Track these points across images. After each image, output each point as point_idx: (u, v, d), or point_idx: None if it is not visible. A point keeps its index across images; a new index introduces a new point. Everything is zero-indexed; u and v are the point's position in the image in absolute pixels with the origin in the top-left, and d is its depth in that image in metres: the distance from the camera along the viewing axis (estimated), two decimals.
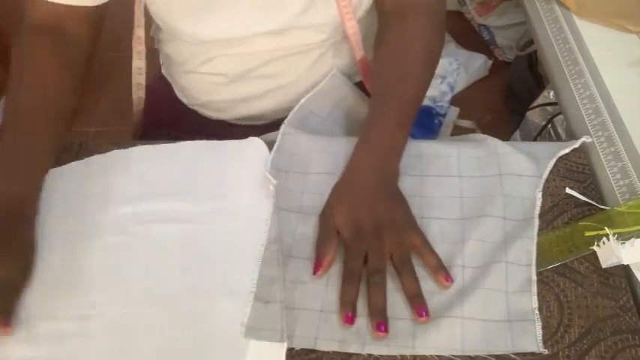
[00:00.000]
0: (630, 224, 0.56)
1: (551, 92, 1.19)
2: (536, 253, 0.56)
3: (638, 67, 0.74)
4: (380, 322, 0.52)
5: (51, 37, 0.67)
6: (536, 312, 0.52)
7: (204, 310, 0.55)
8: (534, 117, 1.23)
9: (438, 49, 0.70)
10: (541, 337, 0.51)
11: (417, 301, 0.53)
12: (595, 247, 0.55)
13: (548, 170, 0.63)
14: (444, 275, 0.54)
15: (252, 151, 0.67)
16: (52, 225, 0.62)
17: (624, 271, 0.55)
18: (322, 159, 0.65)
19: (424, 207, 0.61)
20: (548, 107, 1.20)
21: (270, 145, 0.67)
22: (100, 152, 0.70)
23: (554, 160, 0.64)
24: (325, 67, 0.78)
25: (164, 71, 0.89)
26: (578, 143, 0.66)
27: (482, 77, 1.78)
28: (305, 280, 0.56)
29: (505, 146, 0.65)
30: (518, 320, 0.52)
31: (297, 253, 0.58)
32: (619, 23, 0.80)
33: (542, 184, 0.62)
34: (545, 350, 0.50)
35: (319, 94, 0.74)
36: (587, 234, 0.57)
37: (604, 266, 0.55)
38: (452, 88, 1.65)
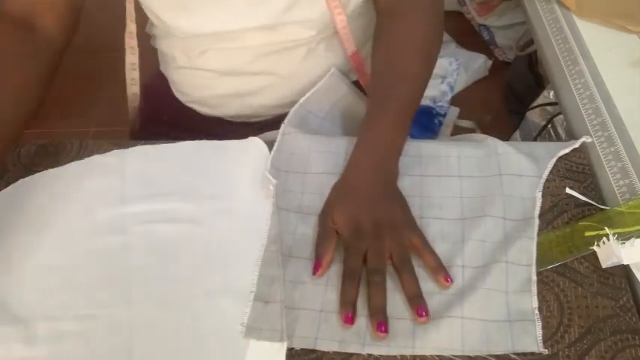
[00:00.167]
0: (630, 224, 0.56)
1: (551, 92, 1.19)
2: (536, 253, 0.56)
3: (638, 67, 0.74)
4: (380, 322, 0.52)
5: (21, 26, 0.67)
6: (536, 312, 0.52)
7: (204, 310, 0.55)
8: (534, 117, 1.23)
9: (436, 47, 0.70)
10: (541, 337, 0.51)
11: (417, 301, 0.53)
12: (595, 247, 0.55)
13: (548, 170, 0.63)
14: (443, 275, 0.54)
15: (252, 151, 0.67)
16: (52, 225, 0.62)
17: (624, 271, 0.55)
18: (322, 159, 0.65)
19: (424, 207, 0.61)
20: (548, 107, 1.20)
21: (269, 144, 0.67)
22: (100, 152, 0.70)
23: (554, 160, 0.64)
24: (318, 63, 0.77)
25: (161, 69, 0.89)
26: (578, 143, 0.66)
27: (482, 77, 1.78)
28: (305, 280, 0.56)
29: (505, 146, 0.65)
30: (518, 320, 0.52)
31: (297, 253, 0.58)
32: (619, 23, 0.80)
33: (542, 184, 0.62)
34: (545, 350, 0.50)
35: (318, 93, 0.74)
36: (587, 234, 0.57)
37: (604, 266, 0.55)
38: (452, 88, 1.65)
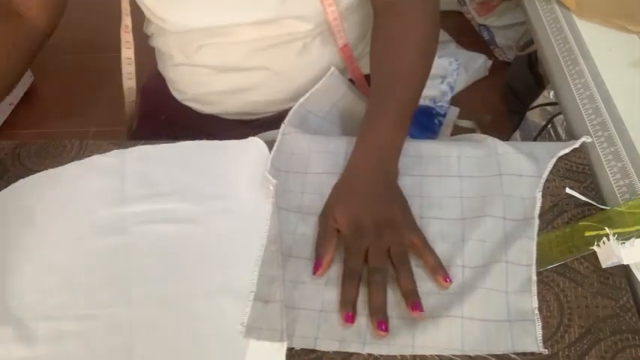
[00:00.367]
0: (630, 224, 0.56)
1: (551, 92, 1.19)
2: (536, 253, 0.56)
3: (638, 67, 0.74)
4: (380, 321, 0.52)
5: (5, 13, 0.68)
6: (536, 312, 0.52)
7: (204, 310, 0.55)
8: (534, 117, 1.23)
9: (434, 45, 0.70)
10: (541, 337, 0.51)
11: (412, 298, 0.53)
12: (595, 247, 0.55)
13: (548, 170, 0.63)
14: (442, 275, 0.54)
15: (252, 151, 0.67)
16: (52, 225, 0.62)
17: (624, 271, 0.55)
18: (322, 159, 0.65)
19: (424, 207, 0.61)
20: (548, 107, 1.20)
21: (269, 144, 0.67)
22: (100, 152, 0.70)
23: (554, 160, 0.64)
24: (314, 58, 0.77)
25: (159, 68, 0.89)
26: (578, 143, 0.66)
27: (482, 77, 1.78)
28: (305, 280, 0.56)
29: (505, 146, 0.65)
30: (518, 320, 0.52)
31: (297, 252, 0.58)
32: (619, 23, 0.79)
33: (542, 184, 0.62)
34: (545, 350, 0.50)
35: (317, 93, 0.74)
36: (587, 234, 0.57)
37: (604, 266, 0.55)
38: (452, 88, 1.65)
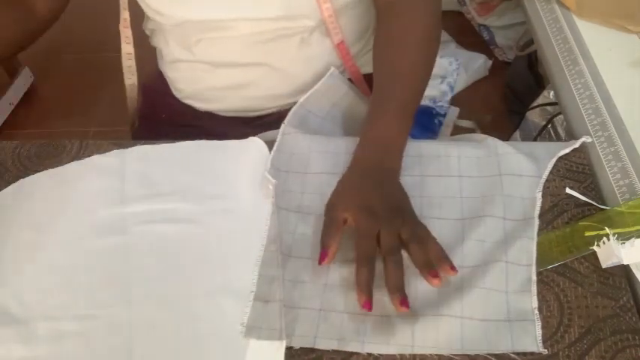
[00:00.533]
0: (630, 224, 0.56)
1: (551, 92, 1.19)
2: (536, 253, 0.56)
3: (638, 67, 0.74)
4: (402, 298, 0.50)
5: None
6: (536, 312, 0.52)
7: (204, 310, 0.55)
8: (534, 117, 1.23)
9: (436, 45, 0.70)
10: (541, 337, 0.51)
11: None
12: (595, 247, 0.55)
13: (548, 170, 0.63)
14: (449, 264, 0.53)
15: (252, 151, 0.67)
16: (52, 225, 0.62)
17: (624, 271, 0.55)
18: (322, 159, 0.65)
19: (424, 207, 0.61)
20: (548, 107, 1.20)
21: (269, 144, 0.67)
22: (100, 152, 0.70)
23: (554, 160, 0.64)
24: (312, 54, 0.77)
25: (159, 67, 0.89)
26: (578, 143, 0.66)
27: (482, 77, 1.78)
28: (304, 279, 0.56)
29: (505, 146, 0.65)
30: (518, 320, 0.52)
31: (297, 252, 0.58)
32: (619, 23, 0.79)
33: (542, 184, 0.62)
34: (545, 350, 0.50)
35: (317, 93, 0.74)
36: (587, 234, 0.57)
37: (604, 266, 0.55)
38: (452, 88, 1.65)
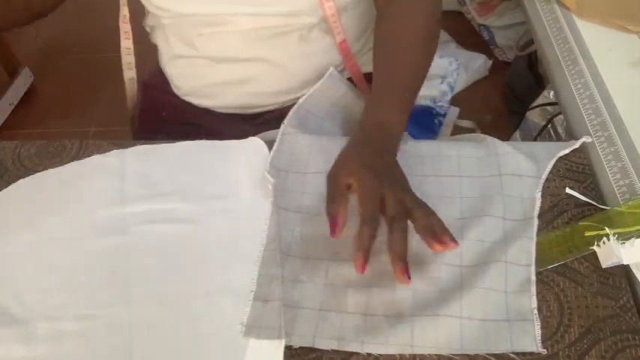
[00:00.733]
0: (630, 224, 0.56)
1: (551, 92, 1.19)
2: (536, 253, 0.56)
3: (638, 67, 0.74)
4: (404, 267, 0.49)
5: None
6: (535, 312, 0.52)
7: (204, 310, 0.55)
8: (534, 117, 1.23)
9: (435, 37, 0.70)
10: (540, 337, 0.51)
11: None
12: (595, 247, 0.55)
13: (547, 170, 0.63)
14: (451, 236, 0.51)
15: (251, 151, 0.67)
16: (52, 225, 0.62)
17: (624, 271, 0.55)
18: (322, 159, 0.65)
19: None
20: (548, 107, 1.20)
21: (269, 144, 0.67)
22: (100, 152, 0.70)
23: (554, 160, 0.64)
24: (311, 51, 0.77)
25: (160, 63, 0.89)
26: (578, 143, 0.66)
27: (482, 77, 1.78)
28: (304, 279, 0.56)
29: (505, 146, 0.65)
30: (517, 320, 0.52)
31: (296, 252, 0.58)
32: (619, 23, 0.79)
33: (541, 184, 0.62)
34: (544, 350, 0.50)
35: (316, 93, 0.74)
36: (587, 234, 0.57)
37: (604, 266, 0.55)
38: (452, 88, 1.65)
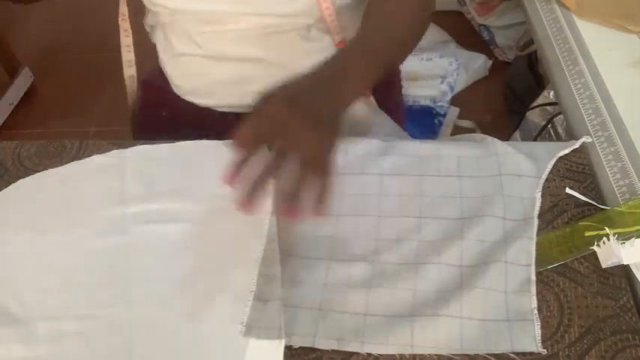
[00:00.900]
0: (630, 224, 0.56)
1: (551, 92, 1.19)
2: (536, 253, 0.56)
3: (638, 67, 0.74)
4: (291, 205, 0.47)
5: None
6: (535, 312, 0.52)
7: (204, 309, 0.55)
8: (534, 117, 1.23)
9: (424, 23, 0.71)
10: (540, 337, 0.51)
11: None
12: (595, 247, 0.55)
13: (547, 170, 0.63)
14: (321, 211, 0.49)
15: None
16: (52, 225, 0.62)
17: (624, 271, 0.55)
18: None
19: (423, 207, 0.61)
20: (548, 107, 1.20)
21: None
22: (100, 152, 0.70)
23: (554, 160, 0.64)
24: (311, 50, 0.77)
25: (160, 63, 0.89)
26: (578, 143, 0.65)
27: (482, 77, 1.78)
28: (303, 279, 0.56)
29: (505, 146, 0.65)
30: (517, 320, 0.52)
31: (296, 252, 0.58)
32: (619, 23, 0.79)
33: (541, 184, 0.62)
34: (544, 350, 0.50)
35: None
36: (587, 234, 0.57)
37: (604, 266, 0.55)
38: (452, 88, 1.65)
